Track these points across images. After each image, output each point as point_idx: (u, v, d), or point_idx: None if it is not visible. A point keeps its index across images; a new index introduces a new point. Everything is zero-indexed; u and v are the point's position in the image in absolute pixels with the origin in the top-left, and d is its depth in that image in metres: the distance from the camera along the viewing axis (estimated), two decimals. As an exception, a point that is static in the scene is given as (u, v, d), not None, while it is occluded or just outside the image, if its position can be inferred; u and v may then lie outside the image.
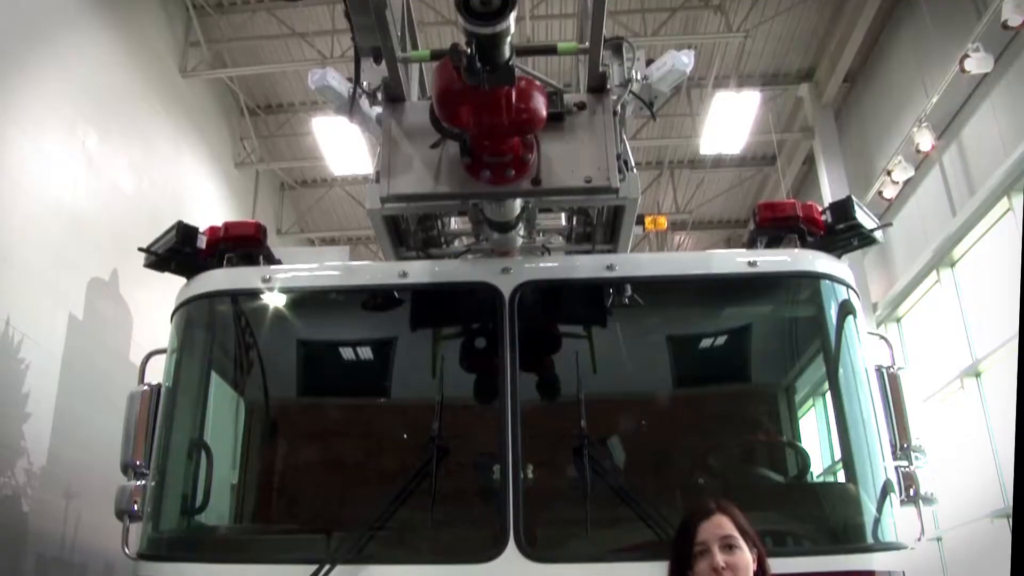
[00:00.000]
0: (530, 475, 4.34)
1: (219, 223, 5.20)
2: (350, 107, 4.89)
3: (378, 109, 4.74)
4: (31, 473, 9.70)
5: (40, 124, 10.25)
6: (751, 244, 5.16)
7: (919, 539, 4.51)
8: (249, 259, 5.15)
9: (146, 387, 4.91)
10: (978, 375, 11.47)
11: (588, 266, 4.97)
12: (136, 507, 4.65)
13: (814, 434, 5.34)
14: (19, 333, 9.50)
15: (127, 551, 4.60)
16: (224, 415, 5.21)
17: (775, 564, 3.47)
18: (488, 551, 4.14)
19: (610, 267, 4.79)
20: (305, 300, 5.03)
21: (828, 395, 4.80)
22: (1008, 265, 10.69)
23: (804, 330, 5.03)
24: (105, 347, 11.18)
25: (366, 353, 5.39)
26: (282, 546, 4.58)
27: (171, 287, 5.17)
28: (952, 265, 12.27)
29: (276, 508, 5.22)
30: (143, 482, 4.70)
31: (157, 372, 5.00)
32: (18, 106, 9.83)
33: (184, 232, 5.03)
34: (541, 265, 4.98)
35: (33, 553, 9.58)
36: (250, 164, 17.60)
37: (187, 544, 4.74)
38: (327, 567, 4.09)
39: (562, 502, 4.54)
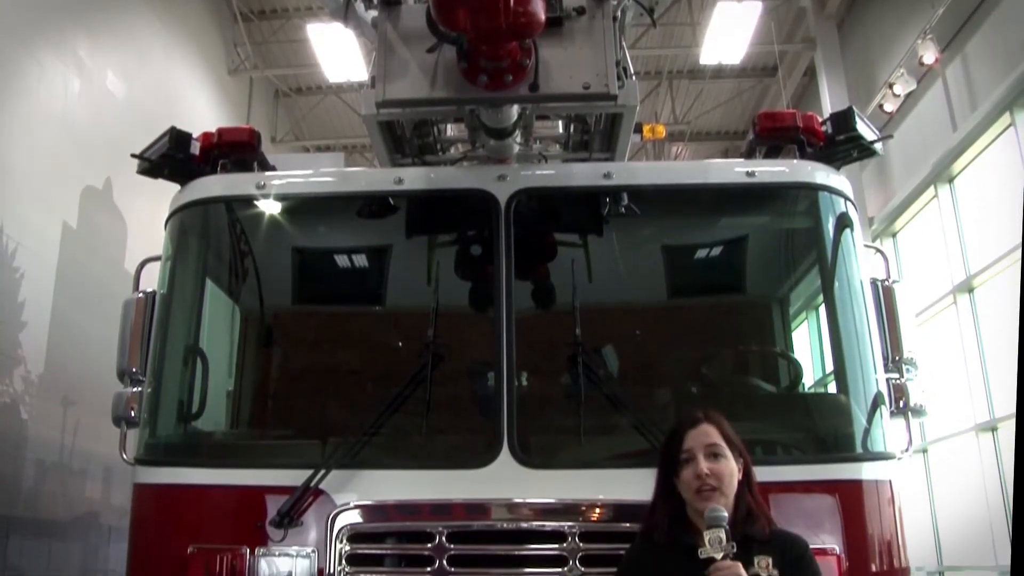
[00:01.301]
0: (524, 382, 4.38)
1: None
2: (345, 11, 4.79)
3: (374, 13, 4.63)
4: (29, 381, 9.78)
5: (31, 28, 10.05)
6: (749, 154, 5.11)
7: (907, 450, 4.58)
8: (243, 166, 5.09)
9: (141, 294, 4.90)
10: (971, 291, 11.52)
11: (585, 174, 4.93)
12: (133, 413, 4.68)
13: (807, 346, 5.38)
14: (13, 242, 9.47)
15: (125, 456, 4.66)
16: (219, 322, 5.22)
17: (765, 473, 3.52)
18: (482, 457, 4.20)
19: (607, 175, 4.75)
20: (300, 207, 5.01)
21: (822, 307, 4.82)
22: (1006, 182, 10.65)
23: (800, 241, 5.03)
24: (100, 255, 11.17)
25: (361, 260, 5.38)
26: (277, 451, 4.65)
27: (165, 196, 5.12)
28: (950, 181, 12.22)
29: (271, 414, 5.28)
30: (139, 389, 4.72)
31: (152, 280, 4.99)
32: (9, 11, 9.63)
33: (177, 138, 4.97)
34: (537, 172, 4.94)
35: (33, 460, 9.72)
36: (244, 71, 17.34)
37: (184, 449, 4.81)
38: (322, 472, 4.15)
39: (556, 410, 4.59)
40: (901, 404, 4.55)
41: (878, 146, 5.02)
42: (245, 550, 4.17)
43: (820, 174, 4.83)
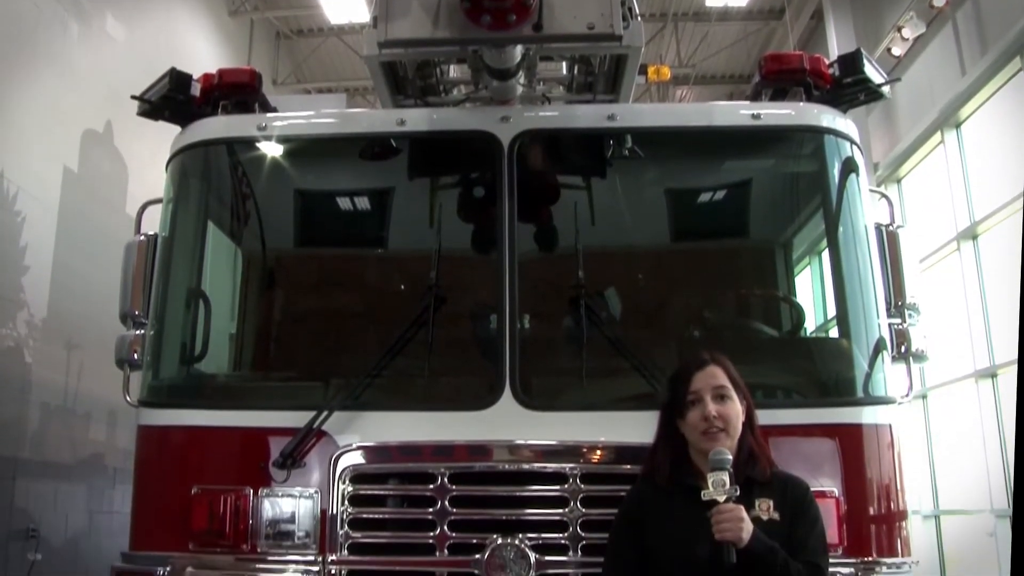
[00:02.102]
0: (527, 325, 4.38)
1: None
2: None
3: (376, -48, 4.56)
4: (32, 325, 9.81)
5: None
6: (755, 97, 5.05)
7: (907, 395, 4.59)
8: (244, 107, 5.04)
9: (142, 237, 4.90)
10: (975, 237, 11.48)
11: (589, 116, 4.89)
12: (136, 356, 4.70)
13: (810, 290, 5.37)
14: (14, 186, 9.45)
15: (128, 399, 4.69)
16: (221, 264, 5.22)
17: (766, 416, 3.53)
18: (484, 399, 4.21)
19: (611, 117, 4.70)
20: (302, 148, 4.97)
21: (826, 251, 4.79)
22: (1014, 128, 10.55)
23: (805, 185, 4.99)
24: (101, 199, 11.14)
25: (363, 202, 5.36)
26: (280, 393, 4.67)
27: (165, 139, 5.08)
28: (957, 126, 12.10)
29: (274, 356, 5.29)
30: (142, 331, 4.73)
31: (153, 223, 4.98)
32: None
33: (177, 79, 4.91)
34: (541, 114, 4.89)
35: (38, 403, 9.79)
36: (245, 12, 17.13)
37: (187, 391, 4.83)
38: (324, 414, 4.17)
39: (558, 352, 4.60)
40: (903, 349, 4.55)
41: (885, 89, 4.96)
42: (248, 491, 4.21)
43: (826, 117, 4.78)
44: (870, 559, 4.10)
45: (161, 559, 4.19)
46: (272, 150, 4.91)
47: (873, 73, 4.89)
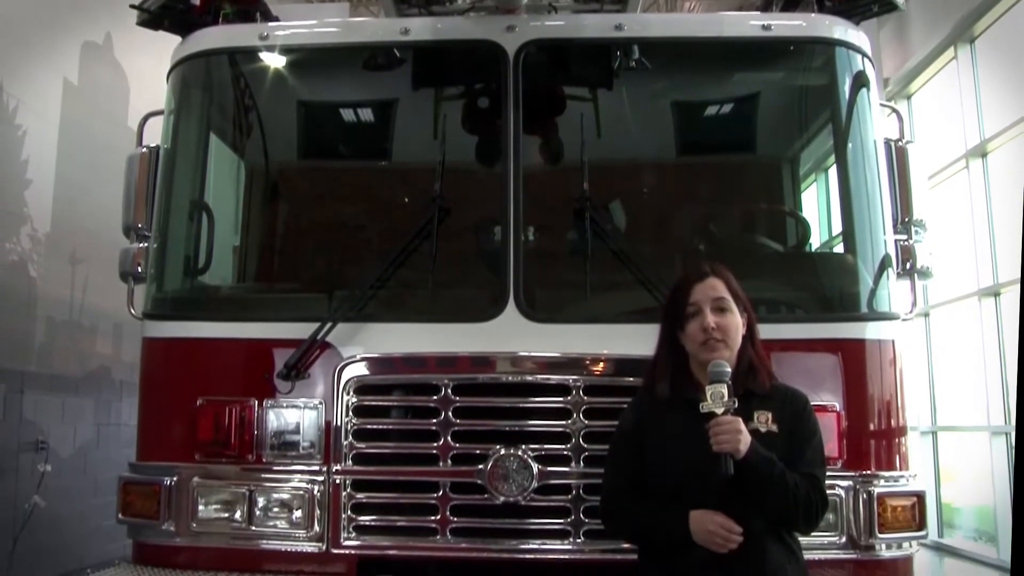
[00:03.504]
0: (531, 237, 4.36)
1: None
2: None
3: None
4: (36, 239, 9.78)
5: None
6: (766, 7, 4.98)
7: (911, 311, 4.59)
8: (245, 16, 4.96)
9: (144, 149, 4.86)
10: (984, 155, 11.36)
11: (596, 25, 4.78)
12: (139, 269, 4.71)
13: (817, 206, 5.33)
14: (14, 99, 9.33)
15: (132, 311, 4.70)
16: (224, 177, 5.19)
17: (769, 330, 3.53)
18: (488, 311, 4.22)
19: (619, 27, 4.61)
20: (304, 58, 4.90)
21: (834, 166, 4.75)
22: (1028, 44, 10.35)
23: (815, 98, 4.90)
24: (102, 112, 11.01)
25: (366, 114, 5.29)
26: (284, 305, 4.68)
27: (166, 51, 5.00)
28: (971, 41, 11.86)
29: (278, 268, 5.29)
30: (145, 244, 4.73)
31: (155, 135, 4.93)
32: None
33: None
34: (547, 23, 4.78)
35: (44, 317, 9.82)
36: (244, -80, 16.67)
37: (191, 303, 4.84)
38: (328, 325, 4.19)
39: (562, 264, 4.58)
40: (908, 266, 4.53)
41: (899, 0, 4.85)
42: (253, 402, 4.25)
43: (838, 29, 4.68)
44: (868, 472, 4.14)
45: (168, 469, 4.26)
46: (274, 60, 4.84)
47: (887, -17, 4.78)
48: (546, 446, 4.02)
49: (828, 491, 3.22)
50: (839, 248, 4.80)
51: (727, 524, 2.98)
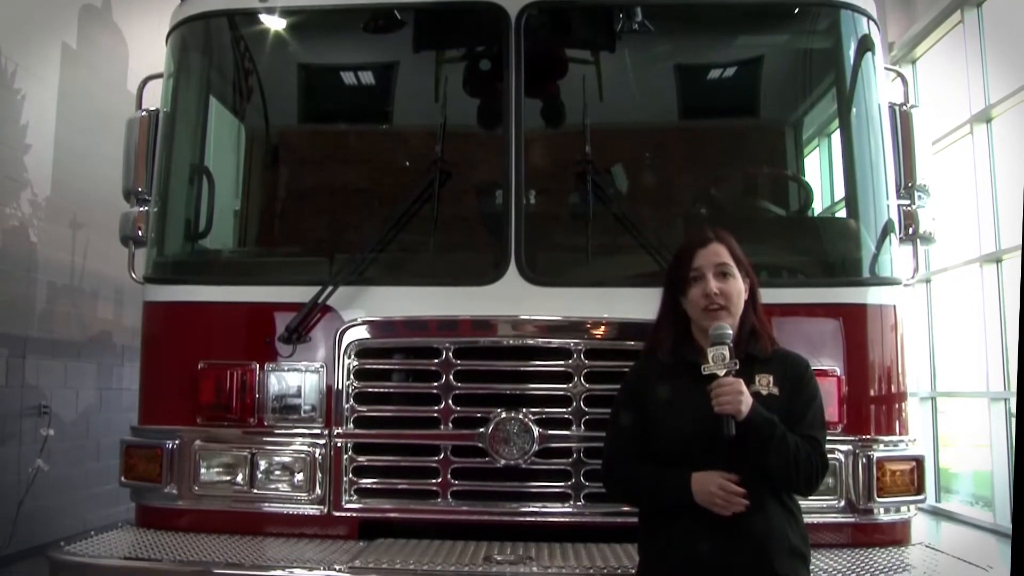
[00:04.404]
0: (532, 200, 4.34)
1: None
2: None
3: None
4: (36, 204, 9.75)
5: None
6: (771, -33, 4.89)
7: (913, 276, 4.59)
8: (245, -22, 4.90)
9: (144, 113, 4.84)
10: (989, 121, 11.29)
11: None
12: (140, 233, 4.70)
13: (820, 170, 5.30)
14: (12, 63, 9.26)
15: (133, 275, 4.70)
16: (224, 140, 5.16)
17: (771, 295, 3.52)
18: (489, 274, 4.22)
19: None
20: (304, 20, 4.84)
21: (838, 130, 4.72)
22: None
23: (819, 61, 4.87)
24: (101, 75, 10.94)
25: (367, 77, 5.24)
26: (286, 268, 4.68)
27: (166, 14, 4.96)
28: (978, 5, 11.75)
29: (279, 232, 5.26)
30: (146, 208, 4.71)
31: (155, 99, 4.90)
32: None
33: None
34: (549, -15, 4.73)
35: (44, 282, 9.81)
36: None
37: (192, 267, 4.84)
38: (329, 288, 4.18)
39: (564, 228, 4.57)
40: (910, 231, 4.51)
41: (906, -38, 4.80)
42: (255, 366, 4.26)
43: None
44: (868, 437, 4.16)
45: (170, 433, 4.28)
46: (274, 22, 4.79)
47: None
48: (547, 409, 4.04)
49: (828, 455, 3.22)
50: (842, 213, 4.78)
51: (728, 487, 2.98)
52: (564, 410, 4.04)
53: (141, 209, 4.72)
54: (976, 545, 10.03)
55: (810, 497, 3.40)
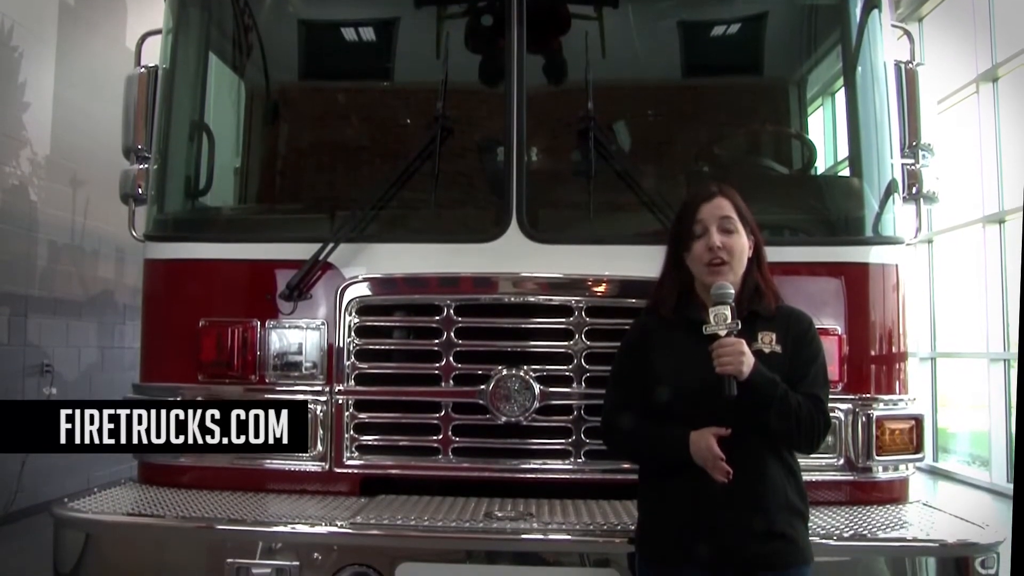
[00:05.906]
0: (534, 157, 4.32)
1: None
2: None
3: None
4: (36, 163, 9.74)
5: None
6: (775, -76, 4.82)
7: (916, 236, 4.57)
8: (245, -70, 4.83)
9: (143, 70, 4.76)
10: (995, 80, 11.21)
11: None
12: (140, 191, 4.66)
13: (824, 128, 5.26)
14: (9, 20, 9.19)
15: (134, 233, 4.68)
16: (224, 96, 5.11)
17: (774, 253, 3.49)
18: (490, 231, 4.20)
19: None
20: None
21: (842, 88, 4.67)
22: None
23: (824, 18, 4.81)
24: (99, 32, 10.87)
25: (368, 33, 5.18)
26: (286, 225, 4.65)
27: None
28: (986, -38, 11.63)
29: (280, 189, 5.23)
30: (146, 166, 4.68)
31: (154, 55, 4.84)
32: None
33: None
34: (552, -62, 4.66)
35: (45, 241, 9.82)
36: None
37: (192, 224, 4.81)
38: (331, 245, 4.17)
39: (565, 185, 4.54)
40: (914, 190, 4.48)
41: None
42: (256, 323, 4.26)
43: None
44: (868, 396, 4.17)
45: (171, 390, 4.27)
46: None
47: None
48: (548, 367, 4.04)
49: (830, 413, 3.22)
50: (845, 171, 4.75)
51: (714, 450, 2.99)
52: (565, 367, 4.04)
53: (141, 166, 4.67)
54: (973, 504, 10.12)
55: (810, 455, 3.41)
